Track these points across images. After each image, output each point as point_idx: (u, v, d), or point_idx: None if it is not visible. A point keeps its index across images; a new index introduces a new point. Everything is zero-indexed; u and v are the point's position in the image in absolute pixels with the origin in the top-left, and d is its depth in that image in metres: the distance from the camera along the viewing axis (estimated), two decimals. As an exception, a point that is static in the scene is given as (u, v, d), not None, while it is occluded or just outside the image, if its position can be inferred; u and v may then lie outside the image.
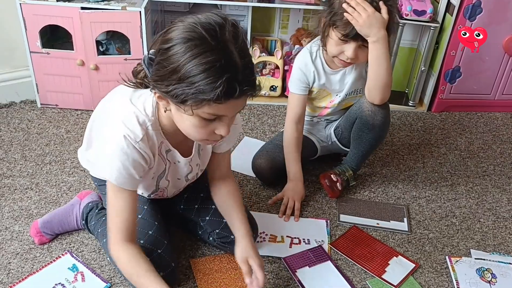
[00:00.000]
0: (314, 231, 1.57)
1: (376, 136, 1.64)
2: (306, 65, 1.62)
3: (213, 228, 1.39)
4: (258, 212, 1.62)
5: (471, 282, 1.43)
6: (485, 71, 2.14)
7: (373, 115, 1.58)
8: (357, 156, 1.71)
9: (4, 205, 1.56)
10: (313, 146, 1.77)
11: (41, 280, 1.34)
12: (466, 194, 1.77)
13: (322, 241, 1.54)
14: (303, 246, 1.52)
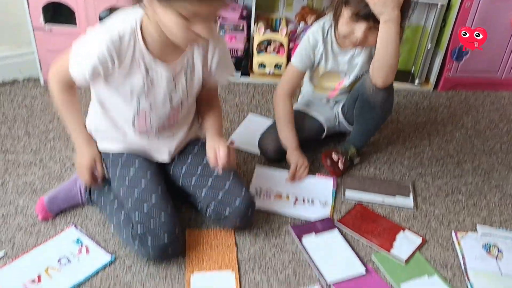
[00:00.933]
0: (320, 191, 1.60)
1: (378, 116, 1.62)
2: (316, 43, 1.59)
3: (209, 202, 1.38)
4: (267, 166, 1.67)
5: (477, 257, 1.42)
6: (493, 49, 2.11)
7: (374, 95, 1.55)
8: (360, 134, 1.69)
9: (8, 180, 1.56)
10: (320, 126, 1.75)
11: (46, 253, 1.34)
12: (472, 172, 1.75)
13: (326, 202, 1.56)
14: (307, 206, 1.54)
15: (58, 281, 1.27)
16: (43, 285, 1.26)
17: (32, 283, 1.26)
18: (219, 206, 1.37)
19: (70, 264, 1.32)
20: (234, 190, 1.37)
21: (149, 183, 1.35)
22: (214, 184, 1.39)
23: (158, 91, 1.30)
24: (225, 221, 1.39)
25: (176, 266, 1.33)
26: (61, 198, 1.45)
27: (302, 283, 1.32)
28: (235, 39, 2.11)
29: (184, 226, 1.44)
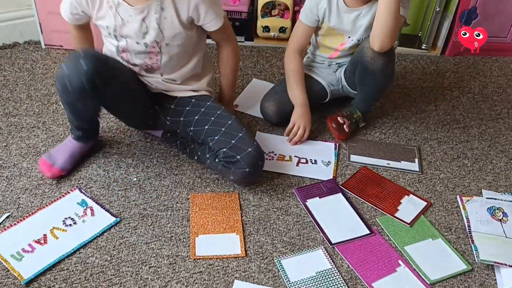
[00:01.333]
0: (322, 152, 1.61)
1: (379, 82, 1.59)
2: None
3: (221, 147, 1.39)
4: (268, 133, 1.66)
5: (482, 220, 1.42)
6: (503, 12, 2.06)
7: (373, 62, 1.51)
8: (363, 99, 1.67)
9: (12, 143, 1.55)
10: (323, 89, 1.73)
11: (51, 214, 1.35)
12: (478, 136, 1.74)
13: (329, 162, 1.56)
14: (310, 166, 1.55)
15: (64, 241, 1.28)
16: (49, 245, 1.27)
17: (37, 243, 1.27)
18: (231, 150, 1.37)
19: (75, 226, 1.32)
20: (247, 139, 1.39)
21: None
22: (228, 132, 1.40)
23: (129, 29, 1.35)
24: (235, 167, 1.38)
25: (181, 228, 1.34)
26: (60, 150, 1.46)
27: (306, 245, 1.32)
28: (239, 2, 2.07)
29: (188, 190, 1.44)
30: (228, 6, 2.06)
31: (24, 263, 1.23)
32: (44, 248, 1.26)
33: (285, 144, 1.63)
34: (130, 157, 1.53)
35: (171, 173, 1.50)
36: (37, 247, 1.27)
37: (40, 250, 1.26)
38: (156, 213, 1.38)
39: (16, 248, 1.26)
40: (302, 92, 1.63)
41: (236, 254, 1.28)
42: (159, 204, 1.40)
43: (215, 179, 1.49)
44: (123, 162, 1.52)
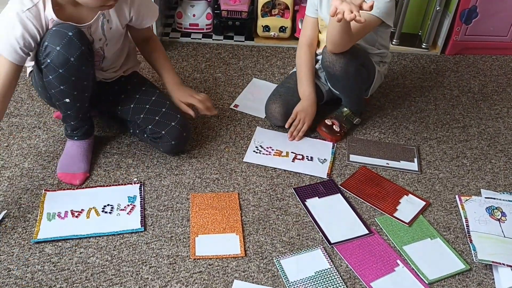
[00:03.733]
0: (319, 150, 1.62)
1: (347, 84, 1.59)
2: None
3: (146, 125, 1.48)
4: (267, 129, 1.69)
5: (481, 220, 1.42)
6: (503, 11, 2.06)
7: (332, 65, 1.51)
8: (347, 98, 1.68)
9: (13, 143, 1.56)
10: (318, 90, 1.72)
11: (103, 195, 1.42)
12: (478, 136, 1.74)
13: (325, 159, 1.57)
14: (305, 162, 1.57)
15: (89, 223, 1.34)
16: (78, 220, 1.34)
17: (71, 214, 1.35)
18: (156, 126, 1.47)
19: (109, 214, 1.37)
20: (170, 114, 1.48)
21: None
22: (152, 109, 1.49)
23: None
24: (161, 141, 1.48)
25: (181, 228, 1.35)
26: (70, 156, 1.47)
27: (305, 245, 1.33)
28: (239, 1, 2.07)
29: (188, 190, 1.45)
30: (228, 6, 2.07)
31: (50, 224, 1.32)
32: (73, 221, 1.34)
33: (283, 140, 1.65)
34: (130, 157, 1.54)
35: (171, 173, 1.50)
36: (69, 217, 1.34)
37: (69, 221, 1.33)
38: (156, 213, 1.38)
39: (56, 210, 1.35)
40: (308, 85, 1.64)
41: (235, 254, 1.29)
42: (159, 204, 1.41)
43: (215, 179, 1.50)
44: (123, 162, 1.53)
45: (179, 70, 1.95)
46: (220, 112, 1.75)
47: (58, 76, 1.31)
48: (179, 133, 1.48)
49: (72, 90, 1.35)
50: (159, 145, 1.51)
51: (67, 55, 1.28)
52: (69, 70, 1.30)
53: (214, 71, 1.97)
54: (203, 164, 1.54)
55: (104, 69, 1.51)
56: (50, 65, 1.29)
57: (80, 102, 1.40)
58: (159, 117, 1.47)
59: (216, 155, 1.58)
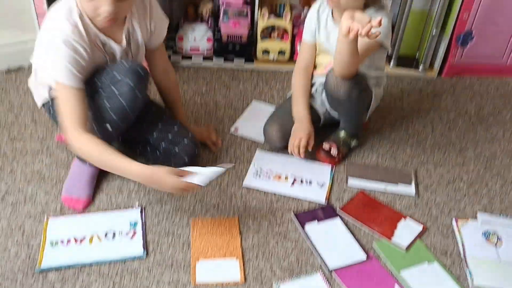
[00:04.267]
0: (318, 173, 1.64)
1: (349, 107, 1.62)
2: (312, 13, 1.65)
3: (160, 142, 1.53)
4: (266, 152, 1.72)
5: (477, 244, 1.44)
6: (498, 35, 2.10)
7: (336, 89, 1.54)
8: (345, 122, 1.71)
9: (17, 168, 1.59)
10: (315, 112, 1.73)
11: (104, 220, 1.44)
12: (474, 159, 1.77)
13: (324, 183, 1.60)
14: (304, 186, 1.59)
15: (92, 249, 1.36)
16: (81, 246, 1.36)
17: (74, 240, 1.37)
18: (169, 145, 1.52)
19: (112, 240, 1.38)
20: (181, 132, 1.54)
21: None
22: (164, 127, 1.54)
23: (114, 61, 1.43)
24: (174, 159, 1.52)
25: (182, 254, 1.37)
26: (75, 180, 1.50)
27: (304, 270, 1.35)
28: (239, 25, 2.11)
29: (189, 215, 1.48)
30: (228, 30, 2.11)
31: (53, 252, 1.34)
32: (76, 247, 1.36)
33: (283, 163, 1.67)
34: (132, 182, 1.57)
35: (172, 198, 1.53)
36: (72, 244, 1.37)
37: (71, 248, 1.36)
38: (157, 238, 1.41)
39: (58, 237, 1.38)
40: (304, 108, 1.66)
41: (235, 281, 1.31)
42: (160, 230, 1.43)
43: (215, 204, 1.52)
44: (125, 187, 1.55)
45: (180, 93, 1.98)
46: (220, 135, 1.78)
47: (119, 107, 1.35)
48: (192, 150, 1.53)
49: (121, 122, 1.40)
50: (171, 163, 1.47)
51: (137, 92, 1.35)
52: (132, 105, 1.37)
53: (214, 94, 2.00)
54: (203, 189, 1.56)
55: None
56: (116, 96, 1.34)
57: (116, 132, 1.43)
58: (171, 135, 1.52)
59: (217, 179, 1.60)
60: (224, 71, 2.14)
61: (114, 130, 1.40)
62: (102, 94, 1.37)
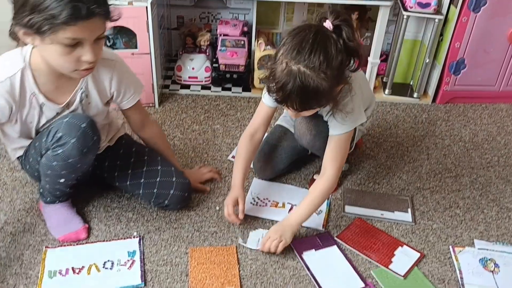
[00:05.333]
0: None
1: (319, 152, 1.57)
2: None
3: (148, 199, 1.54)
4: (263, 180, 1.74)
5: (474, 271, 1.45)
6: (490, 63, 2.15)
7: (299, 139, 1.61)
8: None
9: (16, 198, 1.60)
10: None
11: (102, 251, 1.44)
12: (470, 185, 1.78)
13: (321, 211, 1.61)
14: None
15: (90, 280, 1.35)
16: (79, 277, 1.36)
17: (72, 271, 1.37)
18: (157, 199, 1.52)
19: (110, 270, 1.38)
20: (166, 181, 1.52)
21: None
22: (147, 182, 1.52)
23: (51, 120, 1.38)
24: (168, 207, 1.55)
25: (180, 284, 1.37)
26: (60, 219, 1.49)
27: (302, 299, 1.35)
28: (237, 55, 2.15)
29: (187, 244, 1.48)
30: (226, 60, 2.15)
31: (51, 282, 1.34)
32: (74, 278, 1.36)
33: (279, 190, 1.69)
34: (130, 211, 1.58)
35: (170, 226, 1.54)
36: (70, 274, 1.36)
37: (70, 278, 1.35)
38: (155, 268, 1.41)
39: (57, 267, 1.38)
40: (236, 174, 1.55)
41: (233, 309, 1.31)
42: (158, 259, 1.43)
43: (213, 232, 1.53)
44: (123, 216, 1.56)
45: (179, 122, 2.02)
46: (218, 164, 1.80)
47: (66, 164, 1.32)
48: (180, 198, 1.54)
49: (71, 174, 1.38)
50: (168, 209, 1.58)
51: (83, 149, 1.30)
52: (79, 161, 1.33)
53: (212, 122, 2.03)
54: (201, 217, 1.57)
55: None
56: (60, 155, 1.30)
57: (72, 181, 1.43)
58: (157, 189, 1.51)
59: (214, 207, 1.62)
60: (222, 100, 2.17)
61: (69, 181, 1.41)
62: (48, 156, 1.33)
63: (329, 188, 1.50)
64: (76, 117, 1.31)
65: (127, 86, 1.44)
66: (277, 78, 1.27)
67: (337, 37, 1.27)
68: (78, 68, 1.22)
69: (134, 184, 1.53)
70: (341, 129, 1.46)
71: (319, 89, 1.24)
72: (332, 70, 1.24)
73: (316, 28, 1.27)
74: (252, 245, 1.48)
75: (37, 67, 1.27)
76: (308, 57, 1.23)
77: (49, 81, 1.30)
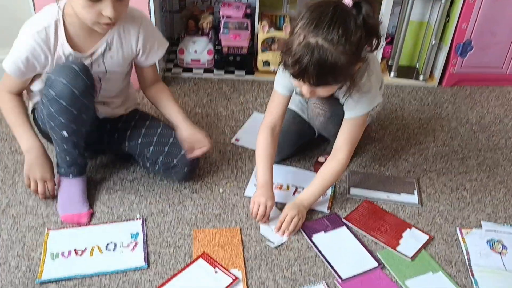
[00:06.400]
0: None
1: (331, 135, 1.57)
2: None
3: (157, 157, 1.52)
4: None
5: (482, 253, 1.43)
6: (497, 45, 2.11)
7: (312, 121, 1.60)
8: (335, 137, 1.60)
9: (18, 181, 1.59)
10: (309, 126, 1.71)
11: (104, 232, 1.43)
12: (477, 167, 1.76)
13: (325, 193, 1.58)
14: None
15: (93, 261, 1.34)
16: (82, 258, 1.35)
17: (75, 252, 1.36)
18: (166, 157, 1.52)
19: (113, 252, 1.37)
20: (178, 143, 1.52)
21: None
22: (159, 141, 1.53)
23: None
24: (174, 170, 1.54)
25: (183, 265, 1.35)
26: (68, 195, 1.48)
27: (308, 280, 1.33)
28: (240, 37, 2.12)
29: (190, 226, 1.47)
30: (228, 42, 2.12)
31: (54, 264, 1.33)
32: (76, 259, 1.34)
33: (284, 173, 1.67)
34: (133, 194, 1.56)
35: (173, 208, 1.52)
36: (72, 256, 1.35)
37: (72, 260, 1.34)
38: (159, 249, 1.39)
39: (59, 249, 1.36)
40: (265, 173, 1.49)
41: (238, 291, 1.29)
42: (161, 241, 1.42)
43: (217, 214, 1.51)
44: (126, 198, 1.54)
45: (181, 105, 1.99)
46: (221, 146, 1.78)
47: (60, 108, 1.34)
48: (190, 161, 1.53)
49: (71, 124, 1.39)
50: (172, 174, 1.56)
51: (73, 88, 1.32)
52: (72, 103, 1.34)
53: (215, 105, 2.00)
54: (205, 200, 1.56)
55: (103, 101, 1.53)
56: (54, 98, 1.33)
57: (77, 137, 1.43)
58: (168, 148, 1.51)
59: (218, 190, 1.60)
60: (225, 83, 2.14)
61: (73, 134, 1.41)
62: (45, 101, 1.37)
63: (340, 171, 1.49)
64: (71, 61, 1.36)
65: (152, 43, 1.48)
66: (293, 51, 1.24)
67: (357, 13, 1.24)
68: (100, 21, 1.28)
69: (145, 142, 1.53)
70: (357, 111, 1.44)
71: (337, 63, 1.21)
72: (351, 45, 1.21)
73: (336, 3, 1.24)
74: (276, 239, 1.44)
75: (69, 19, 1.34)
76: (326, 30, 1.20)
77: (78, 33, 1.37)
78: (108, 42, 1.41)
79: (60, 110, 1.35)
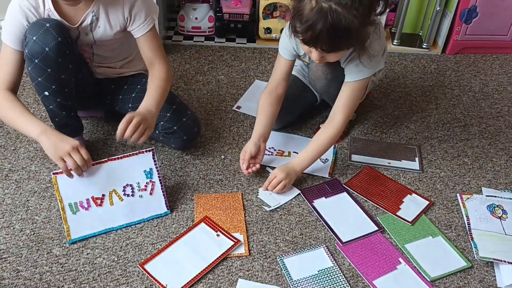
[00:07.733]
0: None
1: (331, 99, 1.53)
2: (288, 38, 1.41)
3: (158, 121, 1.46)
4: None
5: (482, 218, 1.44)
6: (503, 11, 2.07)
7: (313, 84, 1.59)
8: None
9: (20, 147, 1.59)
10: (311, 93, 1.72)
11: (117, 171, 1.36)
12: (479, 135, 1.75)
13: (327, 159, 1.59)
14: None
15: (116, 211, 1.36)
16: (104, 209, 1.35)
17: (94, 202, 1.34)
18: (167, 122, 1.49)
19: (132, 198, 1.38)
20: (181, 110, 1.51)
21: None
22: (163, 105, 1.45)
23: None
24: (173, 137, 1.51)
25: (185, 229, 1.37)
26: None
27: (308, 244, 1.35)
28: (241, 4, 2.09)
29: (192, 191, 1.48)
30: (229, 9, 2.09)
31: (77, 218, 1.32)
32: (98, 210, 1.34)
33: (285, 140, 1.67)
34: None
35: (175, 174, 1.53)
36: (93, 207, 1.34)
37: (94, 211, 1.34)
38: (161, 214, 1.41)
39: (75, 199, 1.33)
40: (258, 127, 1.51)
41: (240, 253, 1.31)
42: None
43: (219, 180, 1.52)
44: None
45: (182, 72, 1.98)
46: (223, 113, 1.78)
47: (35, 67, 1.34)
48: (191, 128, 1.52)
49: (50, 83, 1.37)
50: (171, 141, 1.54)
51: (43, 45, 1.31)
52: (44, 61, 1.33)
53: (216, 73, 1.99)
54: (207, 166, 1.56)
55: (99, 64, 1.53)
56: (27, 56, 1.33)
57: (60, 97, 1.41)
58: (170, 113, 1.49)
59: (220, 156, 1.60)
60: (226, 50, 2.12)
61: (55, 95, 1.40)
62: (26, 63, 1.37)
63: (335, 136, 1.48)
64: (43, 18, 1.34)
65: (138, 10, 1.40)
66: (305, 17, 1.21)
67: None
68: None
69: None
70: (358, 75, 1.43)
71: (351, 28, 1.19)
72: (364, 8, 1.19)
73: None
74: (272, 202, 1.46)
75: None
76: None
77: (63, 5, 1.34)
78: (94, 13, 1.38)
79: (36, 69, 1.34)
